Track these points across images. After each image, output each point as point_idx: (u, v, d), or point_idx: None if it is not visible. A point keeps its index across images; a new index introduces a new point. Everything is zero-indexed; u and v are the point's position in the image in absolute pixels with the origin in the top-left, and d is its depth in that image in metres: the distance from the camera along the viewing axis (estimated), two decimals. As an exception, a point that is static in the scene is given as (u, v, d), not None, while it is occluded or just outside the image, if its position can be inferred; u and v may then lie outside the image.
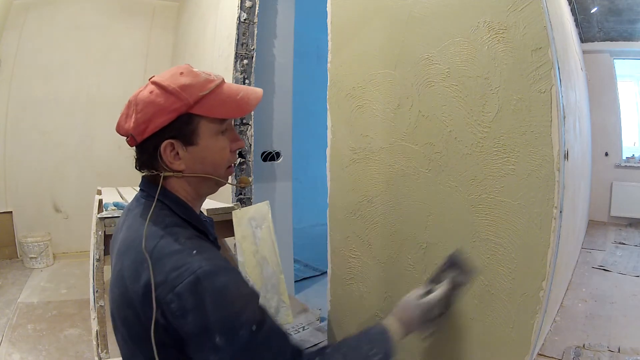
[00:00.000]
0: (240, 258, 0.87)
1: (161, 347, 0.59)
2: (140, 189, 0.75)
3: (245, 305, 0.60)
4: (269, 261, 0.85)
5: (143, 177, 0.76)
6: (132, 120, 0.66)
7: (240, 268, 0.85)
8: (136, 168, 0.73)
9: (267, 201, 0.94)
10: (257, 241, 0.88)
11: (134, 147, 0.70)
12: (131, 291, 0.61)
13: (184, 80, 0.67)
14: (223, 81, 0.71)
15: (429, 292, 0.84)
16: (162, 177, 0.69)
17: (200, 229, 0.72)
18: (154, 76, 0.71)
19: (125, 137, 0.69)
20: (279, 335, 0.62)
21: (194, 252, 0.61)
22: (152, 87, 0.68)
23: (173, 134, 0.66)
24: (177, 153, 0.68)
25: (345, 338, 0.72)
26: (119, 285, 0.64)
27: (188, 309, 0.57)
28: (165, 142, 0.66)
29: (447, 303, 0.84)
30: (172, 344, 0.60)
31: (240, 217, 0.92)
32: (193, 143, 0.68)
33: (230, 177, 0.78)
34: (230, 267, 0.63)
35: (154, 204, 0.68)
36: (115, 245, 0.72)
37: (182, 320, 0.57)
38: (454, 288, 0.86)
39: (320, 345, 0.72)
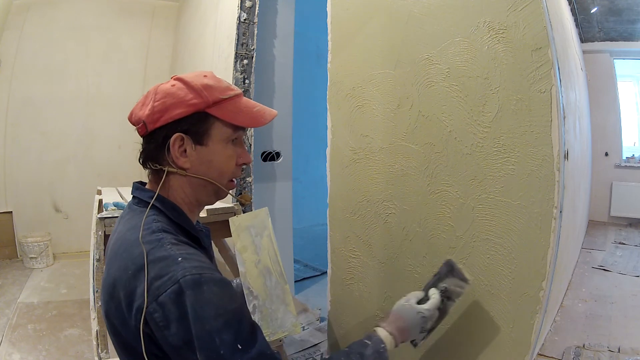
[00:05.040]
0: (241, 268, 0.84)
1: (150, 356, 0.58)
2: (132, 196, 0.74)
3: (229, 321, 0.56)
4: (272, 271, 0.82)
5: (134, 183, 0.75)
6: (148, 108, 0.66)
7: (242, 279, 0.82)
8: (139, 161, 0.72)
9: (266, 207, 0.91)
10: (259, 250, 0.85)
11: (142, 138, 0.70)
12: (117, 299, 0.60)
13: (207, 81, 0.68)
14: (242, 94, 0.73)
15: (423, 299, 0.85)
16: (165, 173, 0.68)
17: (192, 234, 0.70)
18: (175, 75, 0.72)
19: (136, 126, 0.69)
20: (270, 358, 0.58)
21: (179, 259, 0.58)
22: (174, 82, 0.69)
23: (185, 129, 0.66)
24: (185, 150, 0.67)
25: (336, 353, 0.70)
26: (107, 293, 0.63)
27: (171, 319, 0.55)
28: (176, 134, 0.66)
29: (441, 313, 0.85)
30: (160, 355, 0.58)
31: (238, 225, 0.89)
32: (203, 143, 0.68)
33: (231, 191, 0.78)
34: (218, 278, 0.59)
35: (148, 207, 0.67)
36: (107, 254, 0.71)
37: (166, 332, 0.55)
38: (449, 298, 0.86)
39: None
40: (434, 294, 0.85)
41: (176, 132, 0.66)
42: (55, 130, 3.64)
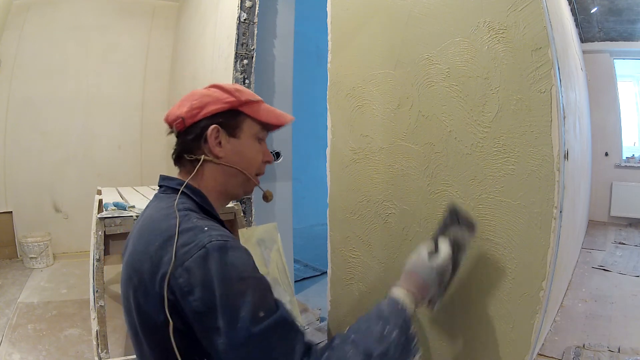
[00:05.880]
0: None
1: (174, 332, 0.58)
2: (159, 186, 0.79)
3: (251, 287, 0.57)
4: (281, 283, 0.83)
5: (161, 175, 0.80)
6: (187, 106, 0.75)
7: None
8: (173, 157, 0.79)
9: (275, 223, 0.93)
10: (267, 263, 0.86)
11: (178, 135, 0.77)
12: (141, 271, 0.62)
13: (237, 87, 0.79)
14: (263, 101, 0.83)
15: (433, 251, 0.78)
16: (201, 160, 0.74)
17: (217, 218, 0.75)
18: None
19: (172, 124, 0.77)
20: (291, 329, 0.58)
21: (206, 228, 0.62)
22: (208, 87, 0.79)
23: (221, 122, 0.75)
24: (220, 142, 0.75)
25: (356, 322, 0.66)
26: (131, 268, 0.65)
27: (195, 283, 0.56)
28: (214, 125, 0.74)
29: (453, 266, 0.79)
30: (184, 329, 0.59)
31: (248, 238, 0.90)
32: (235, 136, 0.77)
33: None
34: (242, 247, 0.63)
35: (179, 192, 0.72)
36: (131, 237, 0.74)
37: (190, 297, 0.56)
38: (459, 248, 0.80)
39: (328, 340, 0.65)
40: (444, 244, 0.79)
41: (213, 124, 0.74)
42: (55, 130, 3.64)
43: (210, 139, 0.74)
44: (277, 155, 2.60)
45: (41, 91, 3.55)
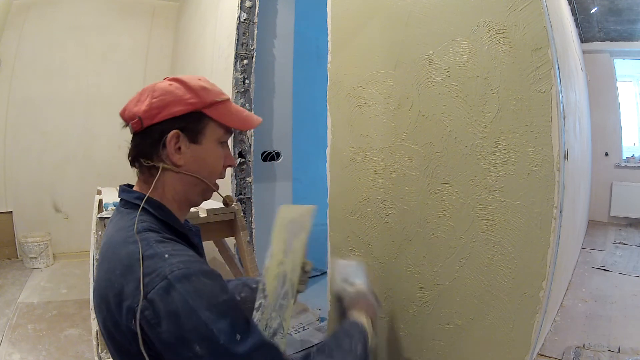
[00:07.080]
0: (266, 262, 0.80)
1: (150, 357, 0.57)
2: (119, 199, 0.74)
3: (223, 311, 0.56)
4: (288, 279, 0.77)
5: (121, 186, 0.76)
6: (145, 104, 0.67)
7: (263, 272, 0.79)
8: (129, 158, 0.72)
9: (314, 206, 0.85)
10: (287, 252, 0.80)
11: (133, 135, 0.70)
12: (107, 301, 0.60)
13: (203, 84, 0.71)
14: (230, 100, 0.76)
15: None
16: (160, 169, 0.68)
17: (179, 231, 0.71)
18: (169, 77, 0.74)
19: (128, 122, 0.69)
20: (270, 348, 0.59)
21: (166, 255, 0.58)
22: (171, 81, 0.71)
23: (182, 126, 0.68)
24: (180, 148, 0.69)
25: (324, 340, 0.75)
26: (98, 296, 0.63)
27: (162, 316, 0.54)
28: (174, 131, 0.67)
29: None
30: (154, 355, 0.58)
31: (284, 216, 0.84)
32: (197, 142, 0.71)
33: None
34: (207, 269, 0.60)
35: (139, 210, 0.67)
36: (99, 256, 0.71)
37: (158, 329, 0.54)
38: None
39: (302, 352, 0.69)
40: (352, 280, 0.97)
41: (173, 129, 0.67)
42: (55, 130, 3.64)
43: (169, 146, 0.67)
44: (277, 155, 2.60)
45: (41, 91, 3.55)
